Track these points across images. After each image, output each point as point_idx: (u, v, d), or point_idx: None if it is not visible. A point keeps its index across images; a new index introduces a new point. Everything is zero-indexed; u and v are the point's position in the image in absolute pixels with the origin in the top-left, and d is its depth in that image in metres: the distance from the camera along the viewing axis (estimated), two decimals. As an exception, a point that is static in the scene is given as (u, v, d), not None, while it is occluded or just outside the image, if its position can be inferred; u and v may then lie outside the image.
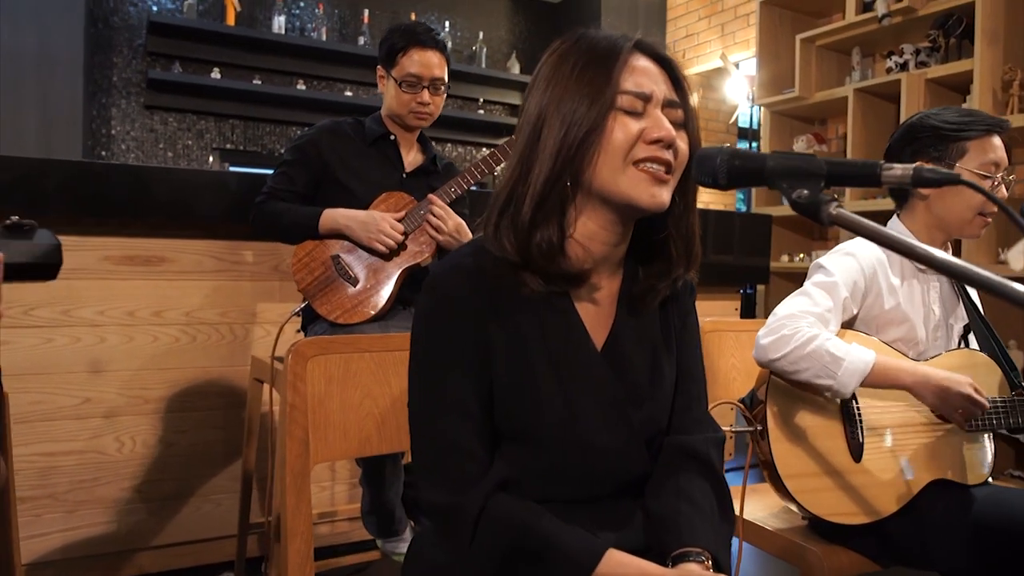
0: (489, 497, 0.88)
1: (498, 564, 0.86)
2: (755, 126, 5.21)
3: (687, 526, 0.91)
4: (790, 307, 1.38)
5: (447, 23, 5.61)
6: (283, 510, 1.20)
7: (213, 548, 2.28)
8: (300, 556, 1.19)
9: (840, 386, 1.31)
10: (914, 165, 0.67)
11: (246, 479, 2.08)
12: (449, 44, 5.53)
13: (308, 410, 1.22)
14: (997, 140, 1.44)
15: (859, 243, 1.48)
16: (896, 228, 1.54)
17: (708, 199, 5.92)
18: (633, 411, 0.96)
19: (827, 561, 1.40)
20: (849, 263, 1.44)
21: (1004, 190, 1.45)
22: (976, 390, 1.31)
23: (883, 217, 1.84)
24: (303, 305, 1.89)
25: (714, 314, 3.23)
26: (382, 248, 1.85)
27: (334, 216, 1.86)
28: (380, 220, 1.84)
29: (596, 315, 0.98)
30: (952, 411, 1.33)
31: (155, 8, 4.75)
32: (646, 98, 0.89)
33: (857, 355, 1.31)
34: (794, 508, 1.40)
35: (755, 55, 4.50)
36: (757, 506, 1.65)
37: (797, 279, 4.47)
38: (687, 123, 0.93)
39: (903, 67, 3.75)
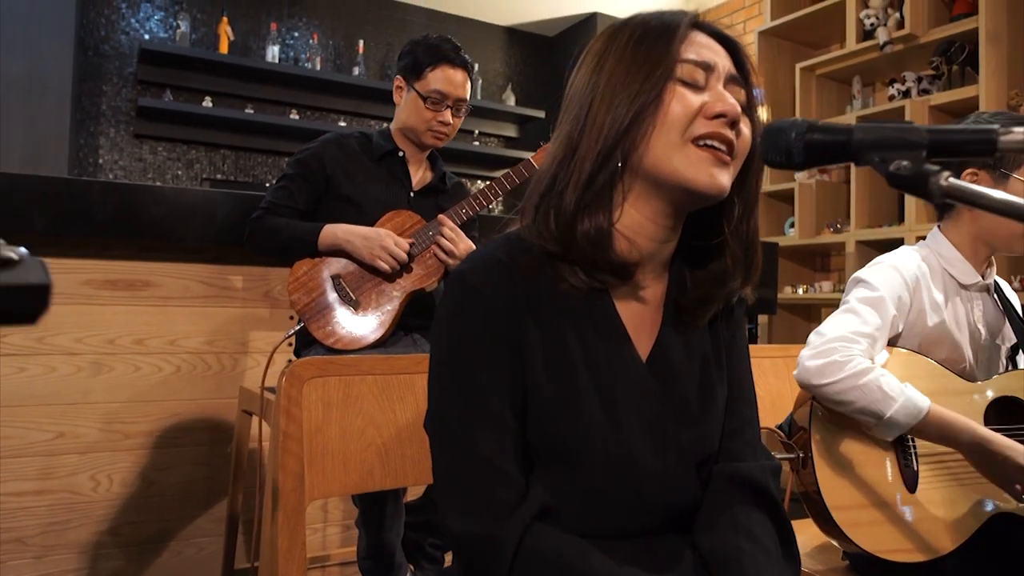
0: (528, 528, 0.76)
1: None
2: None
3: (752, 567, 0.79)
4: (839, 327, 1.26)
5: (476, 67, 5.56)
6: (273, 555, 1.06)
7: (195, 596, 2.11)
8: (293, 605, 1.05)
9: (886, 427, 1.20)
10: (1042, 128, 0.56)
11: (231, 520, 1.93)
12: (475, 70, 5.52)
13: (304, 439, 1.09)
14: None
15: (899, 255, 1.38)
16: (938, 240, 1.43)
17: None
18: (681, 431, 0.84)
19: (873, 607, 1.27)
20: (893, 276, 1.33)
21: None
22: None
23: (893, 245, 1.75)
24: (298, 328, 1.75)
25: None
26: (385, 267, 1.73)
27: (335, 232, 1.74)
28: (384, 237, 1.73)
29: (640, 320, 0.86)
30: (1008, 484, 1.21)
31: (147, 36, 4.68)
32: (708, 67, 0.80)
33: (911, 398, 1.19)
34: (838, 544, 1.27)
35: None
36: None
37: (802, 312, 4.37)
38: (750, 109, 0.83)
39: (906, 94, 3.70)
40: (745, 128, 0.81)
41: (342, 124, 5.07)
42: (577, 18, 5.79)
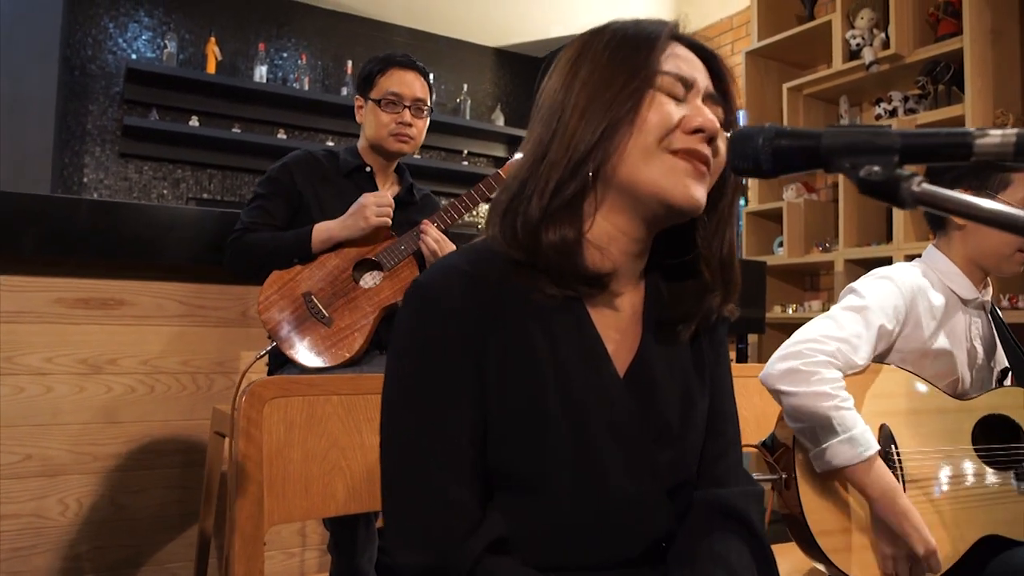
0: (480, 560, 0.71)
1: None
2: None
3: None
4: (812, 330, 1.23)
5: (431, 75, 5.56)
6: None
7: (167, 624, 2.05)
8: (249, 636, 1.00)
9: (815, 457, 1.18)
10: (1016, 131, 0.53)
11: (202, 544, 1.87)
12: (434, 96, 5.54)
13: (264, 462, 1.04)
14: None
15: (897, 268, 1.35)
16: (935, 257, 1.40)
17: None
18: (659, 453, 0.80)
19: (862, 635, 1.22)
20: (886, 286, 1.30)
21: None
22: (931, 553, 1.14)
23: (882, 264, 1.72)
24: (270, 348, 1.71)
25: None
26: (386, 220, 1.73)
27: (328, 226, 1.74)
28: (363, 200, 1.74)
29: (618, 334, 0.82)
30: (884, 559, 1.18)
31: (134, 56, 4.67)
32: (688, 83, 0.77)
33: (860, 439, 1.15)
34: (824, 569, 1.23)
35: (741, 106, 4.46)
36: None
37: (791, 331, 4.32)
38: (729, 125, 0.80)
39: (892, 113, 3.70)
40: (722, 145, 0.78)
41: (330, 144, 5.05)
42: (565, 39, 5.80)
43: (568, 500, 0.76)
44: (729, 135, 0.66)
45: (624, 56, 0.77)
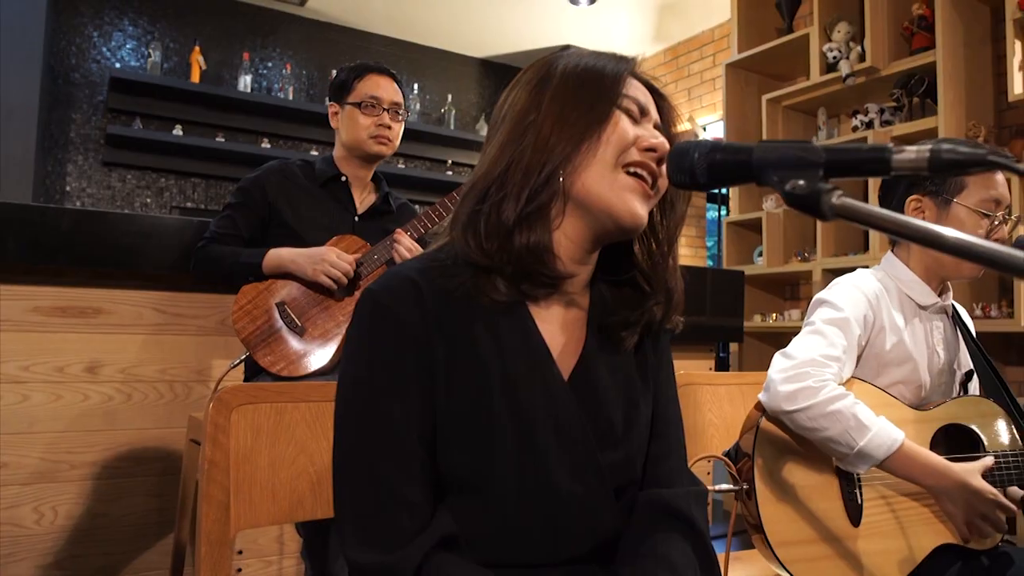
0: (428, 557, 0.73)
1: None
2: (725, 189, 5.21)
3: None
4: (809, 350, 1.24)
5: (416, 86, 5.60)
6: (197, 584, 1.02)
7: (143, 633, 2.05)
8: (215, 640, 1.01)
9: (858, 457, 1.18)
10: (930, 145, 0.56)
11: (178, 552, 1.87)
12: (418, 106, 5.57)
13: (231, 467, 1.06)
14: (1000, 177, 1.35)
15: (858, 276, 1.38)
16: (893, 264, 1.43)
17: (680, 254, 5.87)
18: (603, 455, 0.82)
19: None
20: (855, 295, 1.32)
21: (1005, 230, 1.35)
22: (1002, 508, 1.18)
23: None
24: (244, 357, 1.72)
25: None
26: (328, 281, 1.71)
27: (279, 254, 1.73)
28: (327, 252, 1.72)
29: (563, 339, 0.85)
30: (973, 519, 1.20)
31: (118, 65, 4.67)
32: (643, 110, 0.85)
33: (886, 431, 1.18)
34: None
35: (721, 118, 4.52)
36: (748, 571, 1.49)
37: (771, 340, 4.38)
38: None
39: (868, 125, 3.76)
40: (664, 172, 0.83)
41: (314, 153, 5.07)
42: (550, 50, 5.84)
43: (514, 501, 0.78)
44: (671, 149, 0.70)
45: (593, 77, 0.83)
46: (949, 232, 0.50)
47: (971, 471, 1.20)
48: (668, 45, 5.68)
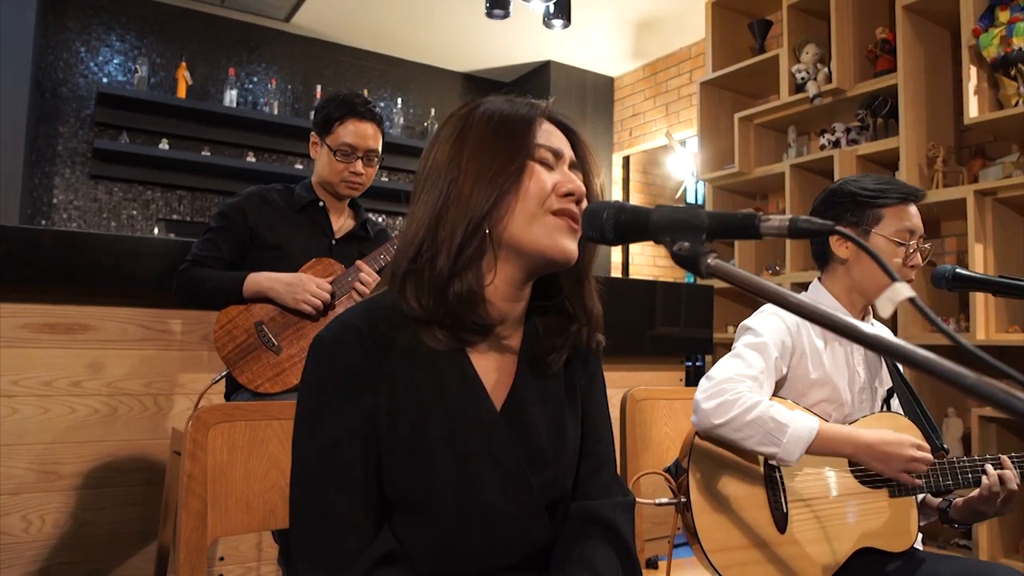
0: (370, 572, 0.83)
1: None
2: (701, 201, 5.35)
3: None
4: (726, 370, 1.36)
5: (400, 99, 5.71)
6: (177, 587, 1.12)
7: (126, 637, 2.13)
8: (192, 639, 1.11)
9: (786, 453, 1.29)
10: (790, 216, 0.67)
11: (161, 557, 1.96)
12: (402, 120, 5.67)
13: (208, 480, 1.16)
14: (913, 208, 1.47)
15: None
16: (817, 292, 1.55)
17: (658, 272, 6.01)
18: (534, 475, 0.92)
19: (758, 637, 1.35)
20: (775, 323, 1.44)
21: (919, 257, 1.47)
22: (918, 447, 1.31)
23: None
24: (224, 373, 1.82)
25: (660, 385, 3.22)
26: (308, 309, 1.80)
27: (258, 280, 1.82)
28: (306, 281, 1.81)
29: (496, 374, 0.95)
30: (898, 473, 1.31)
31: (105, 80, 4.75)
32: (557, 154, 0.92)
33: (801, 422, 1.29)
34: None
35: (697, 133, 4.64)
36: (692, 578, 1.60)
37: (744, 350, 4.50)
38: (589, 187, 0.95)
39: (835, 144, 3.89)
40: (584, 204, 0.92)
41: (299, 167, 5.16)
42: (532, 65, 5.98)
43: (454, 519, 0.88)
44: (585, 209, 0.80)
45: (507, 131, 0.90)
46: (791, 295, 0.61)
47: (869, 431, 1.33)
48: (647, 61, 5.81)
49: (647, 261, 6.02)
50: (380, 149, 2.01)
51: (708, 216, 0.71)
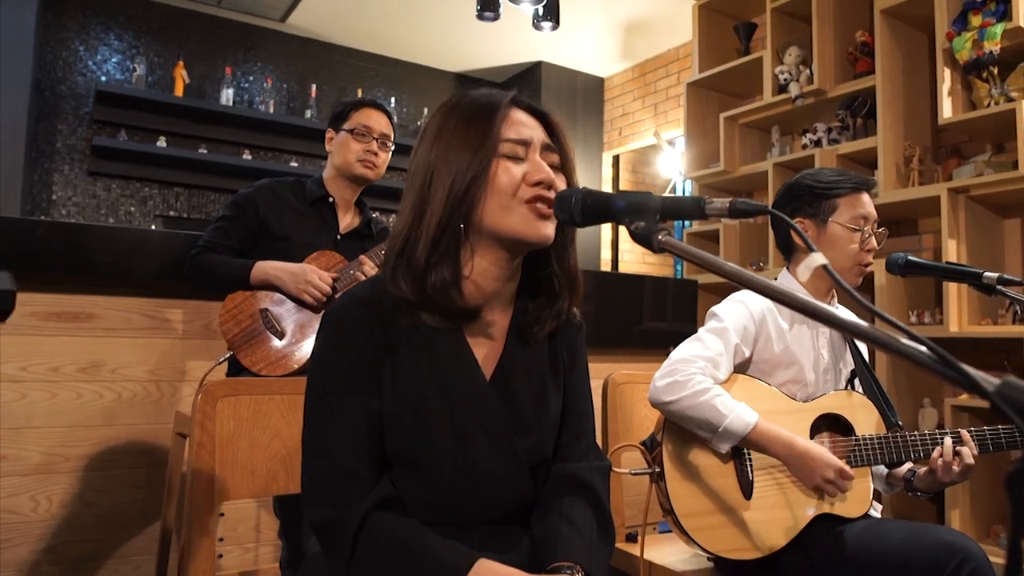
0: (369, 514, 0.92)
1: None
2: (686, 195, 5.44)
3: (564, 544, 0.97)
4: (683, 352, 1.47)
5: (393, 99, 5.80)
6: (185, 548, 1.22)
7: (130, 612, 2.22)
8: (202, 594, 1.20)
9: (720, 439, 1.40)
10: (730, 199, 0.77)
11: (164, 536, 2.06)
12: (395, 119, 5.76)
13: (215, 449, 1.25)
14: (866, 197, 1.59)
15: (749, 292, 1.59)
16: (786, 279, 1.66)
17: (647, 269, 6.12)
18: (519, 439, 1.02)
19: (728, 599, 1.46)
20: (739, 309, 1.55)
21: (874, 242, 1.58)
22: (841, 473, 1.38)
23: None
24: (228, 356, 1.92)
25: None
26: (310, 299, 1.90)
27: (265, 268, 1.92)
28: (309, 272, 1.91)
29: (487, 348, 1.05)
30: (814, 488, 1.41)
31: (103, 78, 4.84)
32: (526, 143, 0.99)
33: (740, 415, 1.39)
34: (688, 546, 1.46)
35: (684, 133, 4.75)
36: (670, 550, 1.71)
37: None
38: (564, 165, 1.04)
39: (817, 143, 4.01)
40: (561, 184, 1.01)
41: (294, 164, 5.25)
42: (523, 66, 6.09)
43: (446, 476, 0.98)
44: (556, 195, 0.90)
45: (474, 128, 0.98)
46: (745, 272, 0.71)
47: (804, 440, 1.41)
48: (636, 62, 5.92)
49: (636, 258, 6.13)
50: (392, 138, 2.14)
51: (661, 200, 0.81)
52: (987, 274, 1.35)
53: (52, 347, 2.17)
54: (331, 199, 2.13)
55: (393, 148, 2.18)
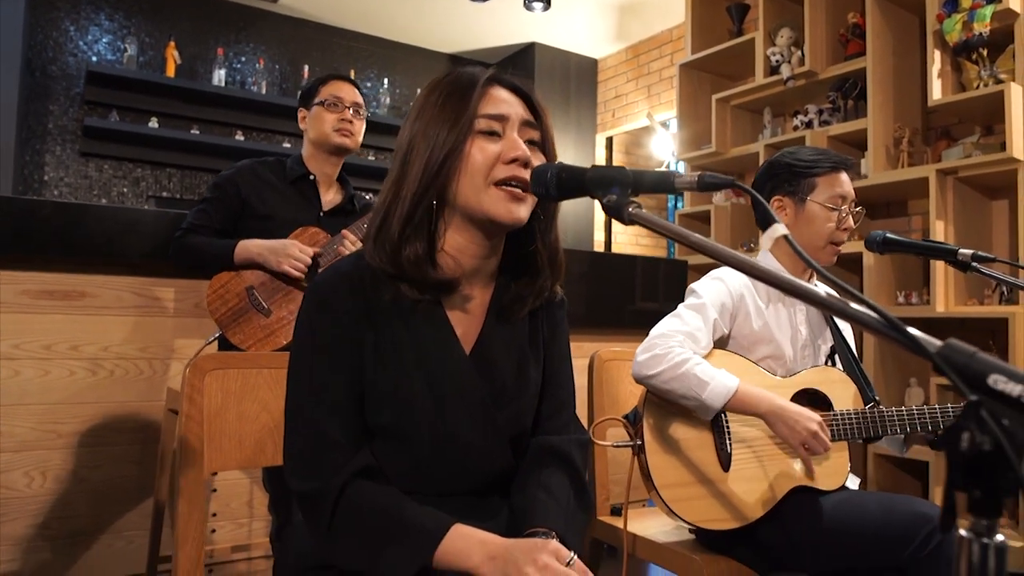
0: (349, 483, 0.95)
1: (356, 544, 0.93)
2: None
3: (540, 511, 1.00)
4: (662, 327, 1.50)
5: (386, 80, 5.79)
6: (176, 516, 1.24)
7: (125, 586, 2.26)
8: (191, 562, 1.23)
9: (704, 407, 1.43)
10: (699, 173, 0.79)
11: (157, 510, 2.09)
12: (388, 100, 5.75)
13: (204, 421, 1.28)
14: (844, 176, 1.61)
15: (728, 269, 1.61)
16: (765, 257, 1.69)
17: (640, 250, 6.14)
18: (498, 411, 1.05)
19: (708, 569, 1.49)
20: (717, 286, 1.57)
21: (852, 221, 1.60)
22: (822, 427, 1.41)
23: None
24: (217, 335, 1.94)
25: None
26: (292, 271, 1.92)
27: (247, 247, 1.94)
28: (290, 246, 1.93)
29: (467, 323, 1.07)
30: (797, 444, 1.43)
31: (95, 59, 4.82)
32: (503, 119, 1.00)
33: (721, 381, 1.42)
34: (668, 517, 1.49)
35: (676, 114, 4.76)
36: (654, 522, 1.74)
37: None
38: (544, 143, 1.05)
39: (808, 125, 4.02)
40: (539, 163, 1.02)
41: (287, 146, 5.25)
42: (517, 47, 6.07)
43: (427, 447, 1.01)
44: (532, 169, 0.91)
45: (449, 108, 0.99)
46: (695, 236, 0.73)
47: (795, 407, 1.43)
48: (629, 44, 5.91)
49: (629, 240, 6.15)
50: (364, 105, 2.17)
51: (633, 173, 0.83)
52: (962, 251, 1.37)
53: (44, 325, 2.19)
54: (312, 176, 2.15)
55: (366, 116, 2.20)
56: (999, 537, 0.53)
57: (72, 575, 2.19)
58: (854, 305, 0.59)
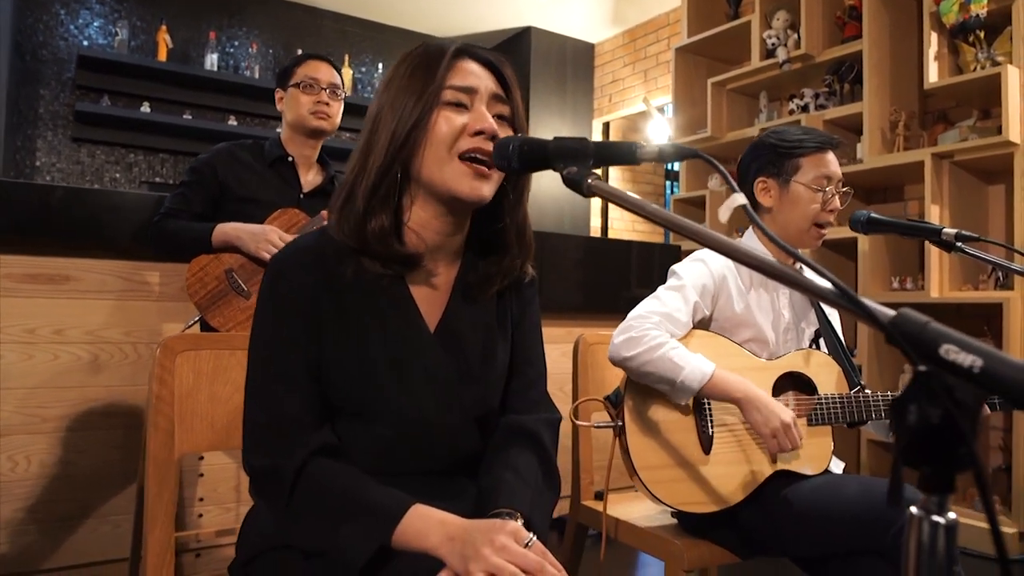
0: (308, 461, 0.93)
1: (314, 523, 0.91)
2: (676, 166, 5.43)
3: (507, 491, 0.98)
4: (641, 308, 1.48)
5: (380, 65, 5.74)
6: (146, 498, 1.23)
7: (111, 570, 2.25)
8: (161, 545, 1.22)
9: (679, 391, 1.41)
10: (660, 144, 0.77)
11: (141, 496, 2.07)
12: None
13: (175, 402, 1.26)
14: (830, 155, 1.58)
15: (710, 251, 1.59)
16: (750, 238, 1.67)
17: (636, 236, 6.11)
18: (463, 390, 1.03)
19: (688, 553, 1.48)
20: (698, 268, 1.55)
21: (838, 201, 1.58)
22: (795, 424, 1.39)
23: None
24: (197, 319, 1.92)
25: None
26: (268, 257, 1.90)
27: (225, 230, 1.92)
28: (269, 232, 1.91)
29: (432, 299, 1.05)
30: (768, 435, 1.40)
31: (86, 43, 4.78)
32: (471, 91, 0.98)
33: (697, 365, 1.40)
34: (649, 499, 1.48)
35: (672, 99, 4.72)
36: (637, 506, 1.73)
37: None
38: (513, 118, 1.03)
39: (804, 109, 3.98)
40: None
41: (279, 131, 5.20)
42: (512, 31, 6.02)
43: (391, 426, 0.99)
44: (496, 142, 0.89)
45: (417, 79, 0.97)
46: (653, 207, 0.71)
47: (770, 400, 1.41)
48: (626, 28, 5.86)
49: (626, 226, 6.12)
50: (341, 85, 2.12)
51: (595, 145, 0.80)
52: (946, 230, 1.35)
53: (28, 309, 2.17)
54: (290, 158, 2.13)
55: (344, 97, 2.17)
56: (951, 515, 0.51)
57: (57, 559, 2.18)
58: (813, 276, 0.57)
